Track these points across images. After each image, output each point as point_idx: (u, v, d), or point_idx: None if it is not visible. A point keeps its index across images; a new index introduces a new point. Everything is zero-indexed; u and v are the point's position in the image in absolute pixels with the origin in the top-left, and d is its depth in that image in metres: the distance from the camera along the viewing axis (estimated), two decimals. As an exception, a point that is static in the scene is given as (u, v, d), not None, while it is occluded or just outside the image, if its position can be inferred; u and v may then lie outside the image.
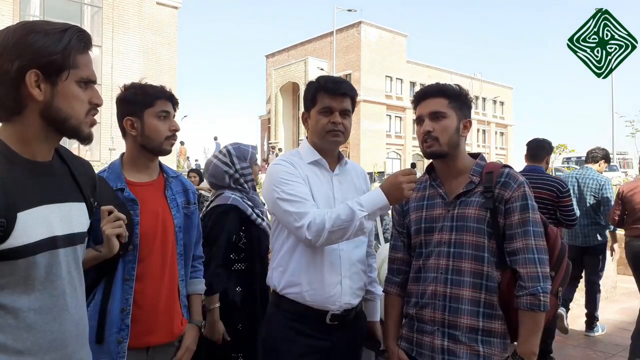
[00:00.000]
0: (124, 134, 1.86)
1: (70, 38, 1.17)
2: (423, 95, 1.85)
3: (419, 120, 1.86)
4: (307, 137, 2.01)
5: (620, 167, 24.80)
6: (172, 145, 1.87)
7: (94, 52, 21.14)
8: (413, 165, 1.73)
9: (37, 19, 19.69)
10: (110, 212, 1.51)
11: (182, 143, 28.72)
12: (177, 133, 1.88)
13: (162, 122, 1.83)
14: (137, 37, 22.21)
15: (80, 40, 1.19)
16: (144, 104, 1.81)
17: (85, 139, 1.23)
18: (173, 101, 1.89)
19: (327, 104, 1.87)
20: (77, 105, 1.19)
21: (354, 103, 1.94)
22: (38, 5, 20.63)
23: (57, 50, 1.14)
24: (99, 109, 1.26)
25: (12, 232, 1.09)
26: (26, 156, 1.17)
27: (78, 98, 1.19)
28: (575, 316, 5.97)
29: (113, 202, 1.59)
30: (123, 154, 1.92)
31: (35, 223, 1.13)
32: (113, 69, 20.81)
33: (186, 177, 6.78)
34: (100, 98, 1.25)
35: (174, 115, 1.90)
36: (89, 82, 1.21)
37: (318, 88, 1.90)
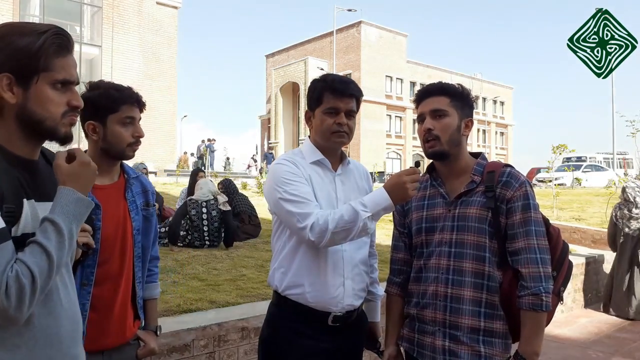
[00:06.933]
0: (86, 135, 1.80)
1: (44, 41, 1.16)
2: (425, 93, 1.84)
3: (420, 119, 1.85)
4: (309, 137, 1.99)
5: (620, 167, 24.81)
6: (134, 151, 1.82)
7: (94, 52, 21.23)
8: (417, 164, 1.73)
9: (37, 18, 19.71)
10: None
11: (184, 153, 29.04)
12: (141, 139, 1.82)
13: (126, 129, 1.77)
14: (137, 37, 22.20)
15: (55, 42, 1.18)
16: (108, 109, 1.75)
17: (63, 140, 1.23)
18: (140, 104, 1.83)
19: (333, 104, 1.84)
20: (52, 108, 1.19)
21: (358, 103, 1.92)
22: (38, 5, 20.62)
23: (28, 55, 1.14)
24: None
25: (20, 219, 1.12)
26: (15, 153, 1.19)
27: (53, 101, 1.18)
28: (574, 316, 5.98)
29: None
30: None
31: (30, 215, 1.15)
32: (113, 69, 20.80)
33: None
34: (80, 100, 1.24)
35: (140, 119, 1.85)
36: (67, 83, 1.21)
37: (324, 87, 1.87)
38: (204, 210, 6.04)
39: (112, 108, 1.74)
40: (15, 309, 1.04)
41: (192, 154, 29.98)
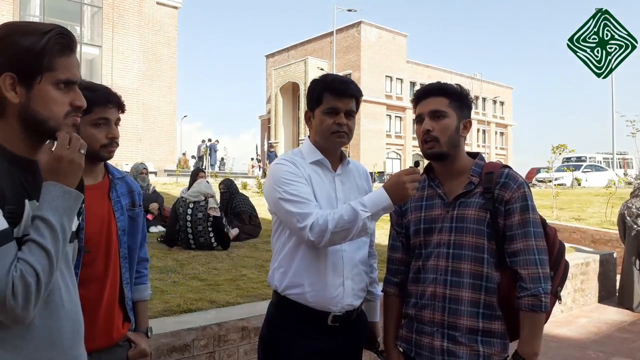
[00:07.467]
0: None
1: (48, 41, 1.16)
2: (424, 93, 1.84)
3: (419, 119, 1.85)
4: (309, 137, 1.99)
5: (620, 167, 24.86)
6: (110, 152, 1.79)
7: (94, 52, 21.22)
8: (417, 163, 1.72)
9: (37, 18, 19.69)
10: None
11: (184, 154, 28.93)
12: (116, 140, 1.80)
13: (99, 130, 1.74)
14: (137, 37, 22.18)
15: (58, 42, 1.18)
16: None
17: None
18: (116, 104, 1.79)
19: (333, 104, 1.85)
20: (55, 108, 1.18)
21: (358, 103, 1.92)
22: (38, 5, 20.61)
23: (32, 54, 1.14)
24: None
25: (21, 220, 1.12)
26: (16, 153, 1.19)
27: (56, 101, 1.18)
28: (574, 316, 5.99)
29: None
30: None
31: (31, 216, 1.15)
32: (113, 69, 20.80)
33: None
34: (83, 100, 1.24)
35: (117, 120, 1.82)
36: (70, 83, 1.21)
37: (324, 88, 1.87)
38: (189, 211, 5.81)
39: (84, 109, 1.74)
40: (23, 308, 1.05)
41: (192, 157, 29.75)
